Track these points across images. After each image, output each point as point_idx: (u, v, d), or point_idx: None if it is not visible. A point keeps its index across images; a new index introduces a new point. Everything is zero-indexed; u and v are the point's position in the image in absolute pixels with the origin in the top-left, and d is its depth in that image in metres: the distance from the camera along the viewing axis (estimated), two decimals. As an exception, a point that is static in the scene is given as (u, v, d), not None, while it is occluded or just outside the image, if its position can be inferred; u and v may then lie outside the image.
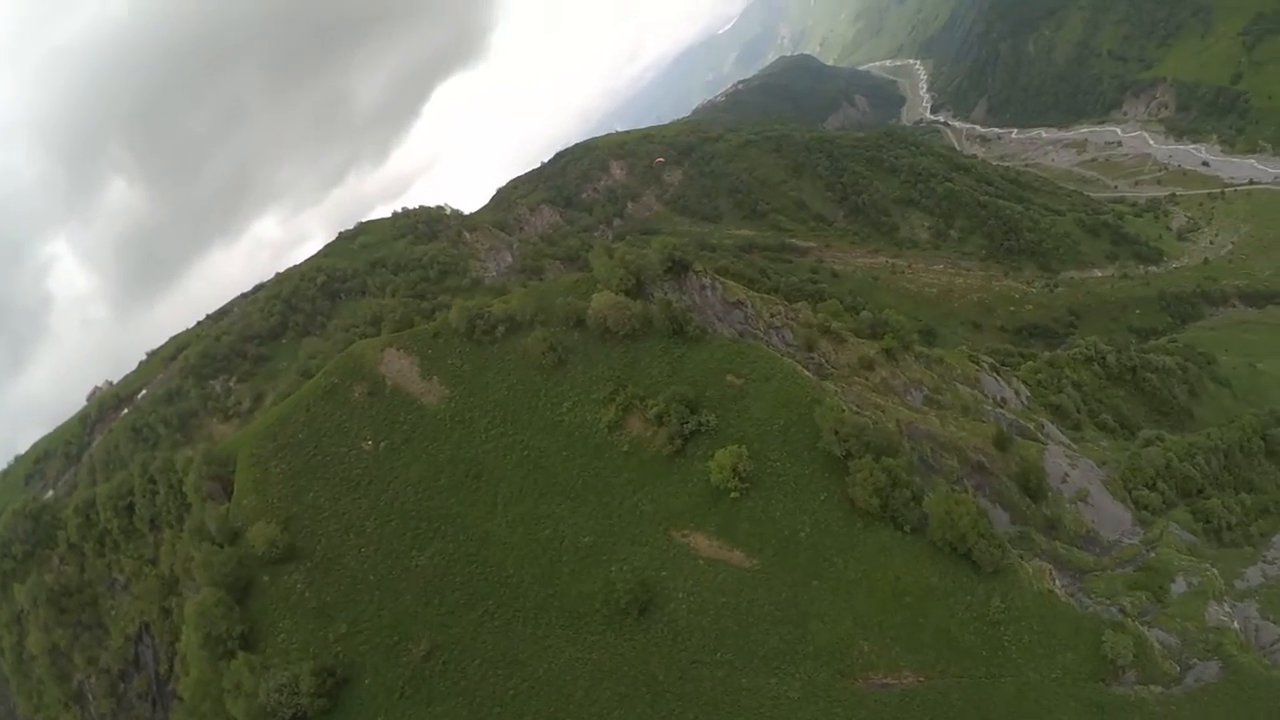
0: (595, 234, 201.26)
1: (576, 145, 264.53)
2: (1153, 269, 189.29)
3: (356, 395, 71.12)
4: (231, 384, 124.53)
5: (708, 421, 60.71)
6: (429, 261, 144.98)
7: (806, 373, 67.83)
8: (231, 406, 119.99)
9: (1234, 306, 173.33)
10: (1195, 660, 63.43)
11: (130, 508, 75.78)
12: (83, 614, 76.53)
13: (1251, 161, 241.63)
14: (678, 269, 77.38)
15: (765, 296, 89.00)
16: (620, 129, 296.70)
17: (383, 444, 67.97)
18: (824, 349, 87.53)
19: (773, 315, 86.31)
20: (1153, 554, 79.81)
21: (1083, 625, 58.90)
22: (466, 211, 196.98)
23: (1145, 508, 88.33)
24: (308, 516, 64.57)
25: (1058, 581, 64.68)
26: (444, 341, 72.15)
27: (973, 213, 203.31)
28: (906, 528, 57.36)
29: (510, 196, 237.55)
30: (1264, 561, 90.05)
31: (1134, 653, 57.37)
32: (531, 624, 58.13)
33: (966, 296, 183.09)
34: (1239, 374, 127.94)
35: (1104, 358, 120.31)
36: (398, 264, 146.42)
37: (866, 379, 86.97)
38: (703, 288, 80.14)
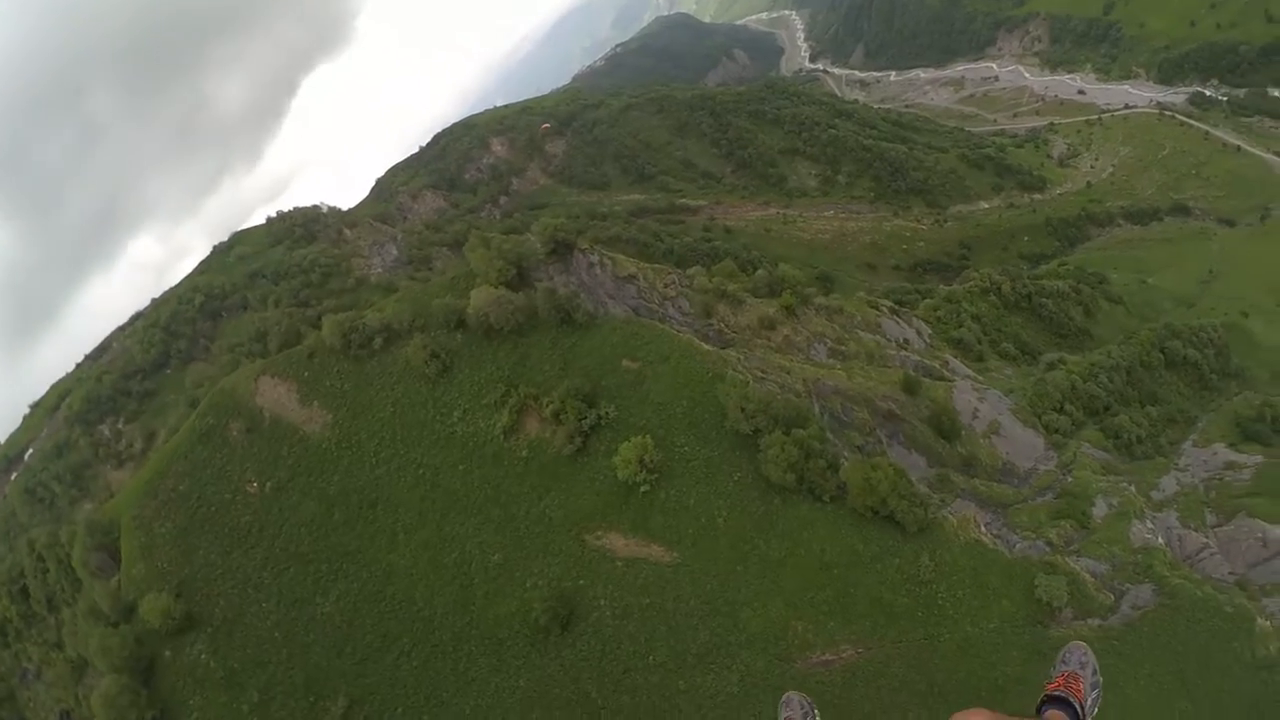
0: (482, 214, 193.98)
1: (455, 125, 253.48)
2: (1037, 196, 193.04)
3: (234, 434, 65.09)
4: (120, 426, 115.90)
5: (607, 414, 56.65)
6: (309, 266, 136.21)
7: (705, 346, 64.09)
8: (124, 450, 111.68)
9: (1119, 226, 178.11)
10: (1127, 585, 63.41)
11: (25, 591, 69.93)
12: (1, 710, 69.51)
13: (1126, 87, 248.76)
14: (562, 250, 72.76)
15: (657, 267, 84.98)
16: (500, 104, 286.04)
17: (268, 484, 62.39)
18: (722, 314, 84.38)
19: (666, 285, 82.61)
20: (1070, 478, 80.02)
21: (1014, 570, 57.73)
22: (347, 207, 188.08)
23: (1056, 431, 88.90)
24: (201, 578, 59.52)
25: (984, 527, 63.50)
26: (320, 361, 66.12)
27: (858, 157, 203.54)
28: (825, 498, 54.78)
29: (391, 185, 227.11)
30: (1176, 469, 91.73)
31: (1068, 592, 56.49)
32: (451, 658, 54.14)
33: (859, 239, 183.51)
34: (1130, 290, 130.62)
35: (999, 288, 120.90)
36: (277, 272, 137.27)
37: (769, 339, 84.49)
38: (590, 266, 75.77)
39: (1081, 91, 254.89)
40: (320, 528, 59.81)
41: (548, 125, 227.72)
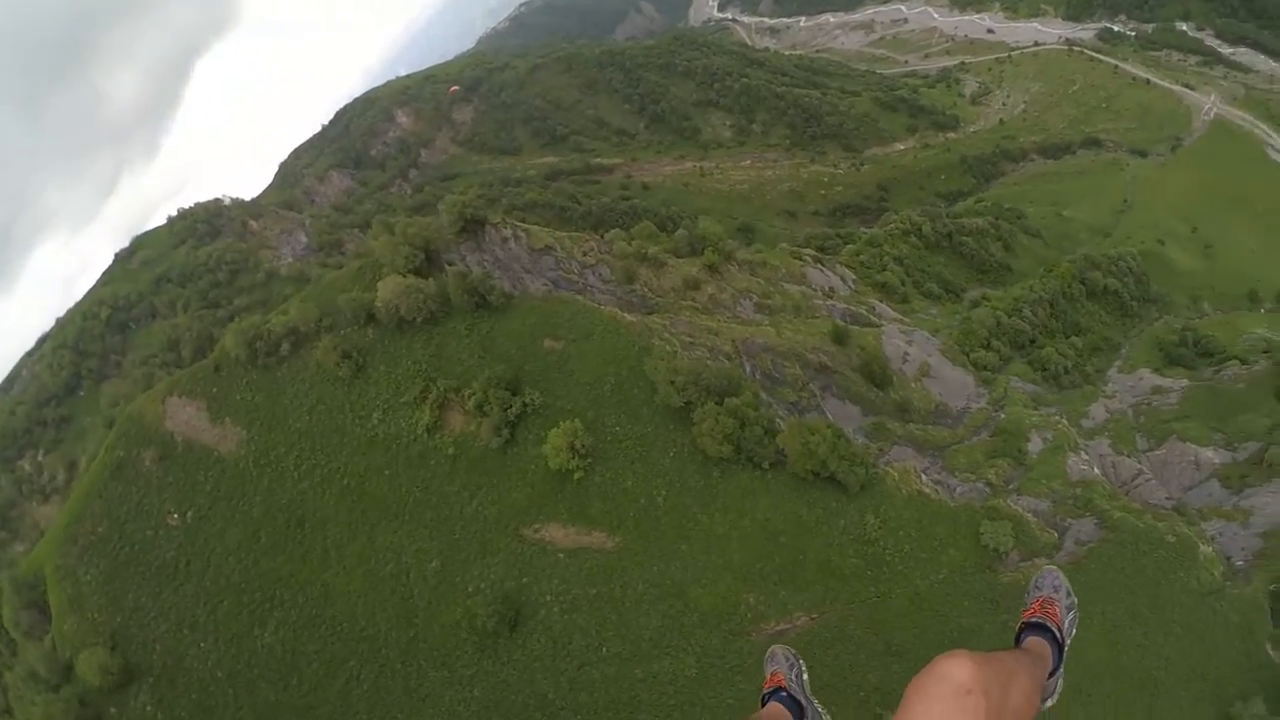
0: (391, 191, 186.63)
1: (357, 99, 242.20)
2: (952, 135, 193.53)
3: (148, 464, 60.20)
4: (41, 459, 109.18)
5: (533, 400, 53.40)
6: (215, 264, 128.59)
7: (628, 317, 61.17)
8: (47, 484, 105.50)
9: (1033, 161, 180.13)
10: (1069, 520, 63.63)
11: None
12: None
13: (1035, 25, 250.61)
14: (473, 227, 68.78)
15: (574, 235, 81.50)
16: (404, 74, 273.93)
17: (189, 514, 57.98)
18: (645, 278, 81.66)
19: (585, 254, 79.35)
20: (1002, 415, 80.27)
21: (958, 519, 57.16)
22: (251, 196, 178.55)
23: (985, 368, 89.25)
24: (134, 624, 55.42)
25: (924, 476, 62.72)
26: (227, 375, 61.03)
27: (772, 105, 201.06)
28: (765, 465, 53.11)
29: (295, 169, 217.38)
30: (1104, 397, 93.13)
31: (1013, 535, 56.13)
32: (401, 675, 51.32)
33: (777, 187, 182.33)
34: (1048, 223, 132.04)
35: (920, 229, 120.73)
36: (183, 275, 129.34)
37: (694, 300, 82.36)
38: (505, 240, 72.01)
39: (991, 30, 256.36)
40: (248, 554, 55.79)
41: (455, 88, 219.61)
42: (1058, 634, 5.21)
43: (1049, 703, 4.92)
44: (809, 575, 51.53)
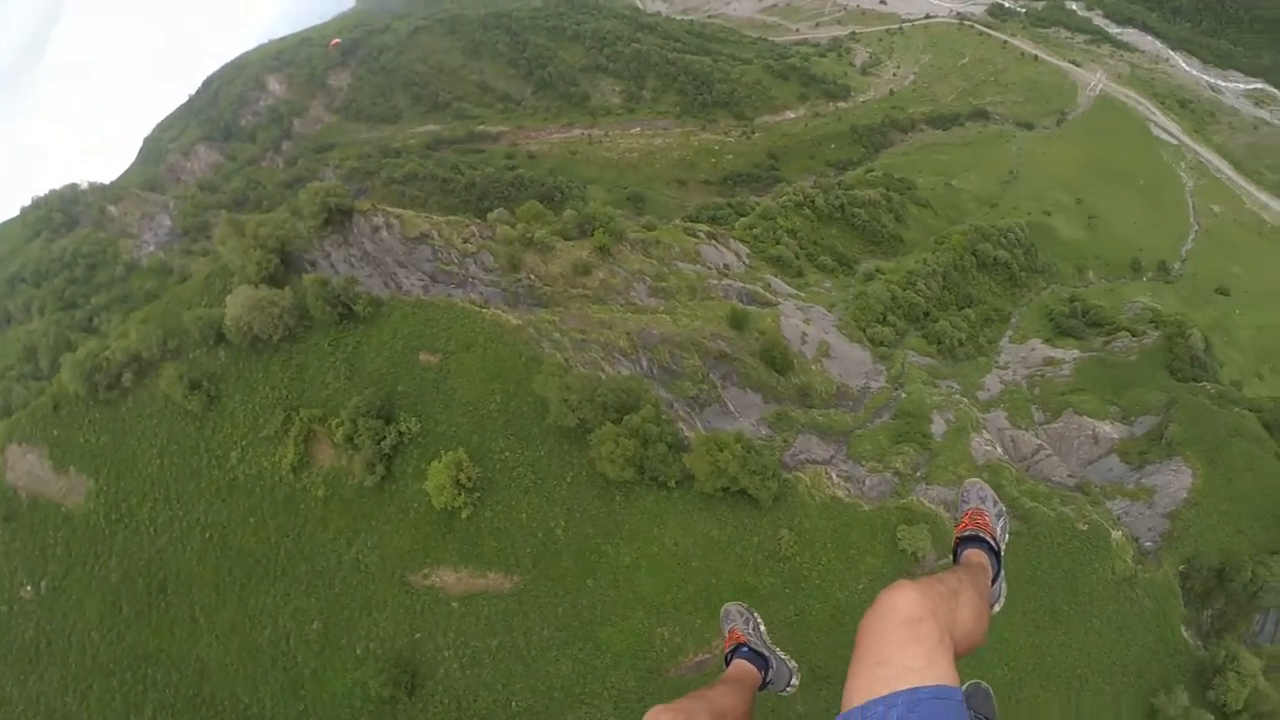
0: (263, 164, 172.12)
1: (227, 65, 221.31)
2: (842, 105, 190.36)
3: (-9, 528, 50.43)
4: None
5: (409, 429, 46.06)
6: (71, 259, 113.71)
7: (513, 320, 54.29)
8: None
9: (922, 131, 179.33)
10: None
11: None
12: None
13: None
14: (338, 218, 60.53)
15: (453, 219, 73.71)
16: (280, 37, 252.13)
17: (43, 583, 48.68)
18: (531, 264, 75.20)
19: (466, 240, 72.07)
20: (903, 393, 78.58)
21: (874, 523, 53.95)
22: (113, 178, 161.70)
23: (881, 343, 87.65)
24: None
25: (834, 475, 59.21)
26: (67, 414, 51.03)
27: (663, 71, 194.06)
28: (671, 484, 47.96)
29: (159, 144, 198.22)
30: (998, 367, 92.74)
31: (930, 537, 53.20)
32: (292, 757, 44.21)
33: (667, 156, 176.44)
34: (937, 194, 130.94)
35: (813, 201, 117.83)
36: (37, 272, 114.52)
37: (585, 287, 76.71)
38: (375, 230, 63.96)
39: (883, 1, 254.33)
40: (112, 628, 47.11)
41: (336, 41, 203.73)
42: (992, 542, 5.11)
43: (996, 608, 5.01)
44: (725, 600, 46.38)
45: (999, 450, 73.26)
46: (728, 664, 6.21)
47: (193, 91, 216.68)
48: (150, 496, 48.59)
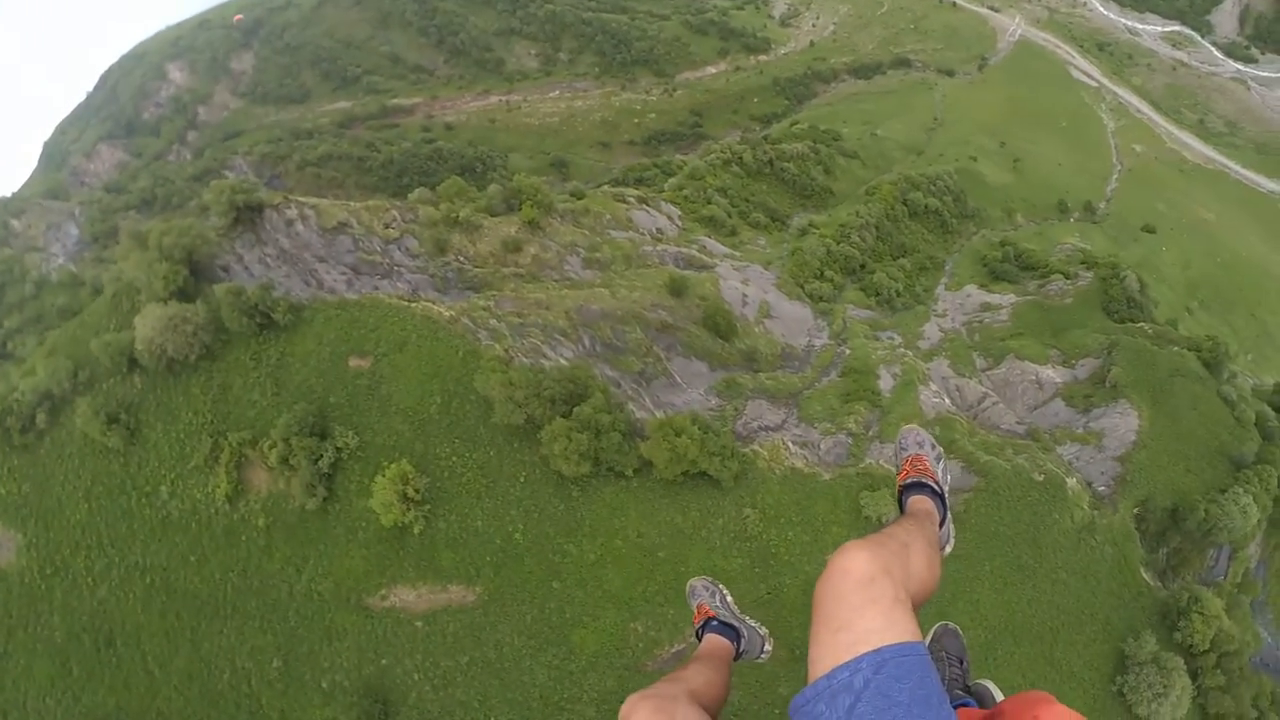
0: (169, 160, 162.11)
1: (124, 57, 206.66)
2: (763, 58, 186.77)
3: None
4: None
5: (346, 444, 42.43)
6: None
7: (445, 311, 50.61)
8: None
9: (845, 81, 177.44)
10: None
11: None
12: None
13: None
14: (249, 215, 55.80)
15: (371, 204, 68.93)
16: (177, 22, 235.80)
17: None
18: (459, 246, 71.37)
19: (387, 226, 67.80)
20: (847, 349, 77.94)
21: (836, 493, 52.79)
22: (13, 189, 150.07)
23: (821, 299, 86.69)
24: None
25: (791, 445, 57.64)
26: None
27: (579, 32, 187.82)
28: (629, 473, 45.58)
29: (60, 147, 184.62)
30: (936, 316, 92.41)
31: (894, 502, 52.23)
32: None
33: (589, 118, 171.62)
34: (864, 144, 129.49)
35: (741, 157, 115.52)
36: None
37: (517, 264, 73.40)
38: (290, 224, 59.38)
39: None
40: (65, 692, 42.76)
41: (240, 16, 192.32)
42: (935, 486, 5.14)
43: (947, 549, 5.02)
44: (694, 586, 45.21)
45: (947, 402, 72.81)
46: (699, 640, 6.11)
47: (90, 88, 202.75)
48: (83, 545, 44.10)
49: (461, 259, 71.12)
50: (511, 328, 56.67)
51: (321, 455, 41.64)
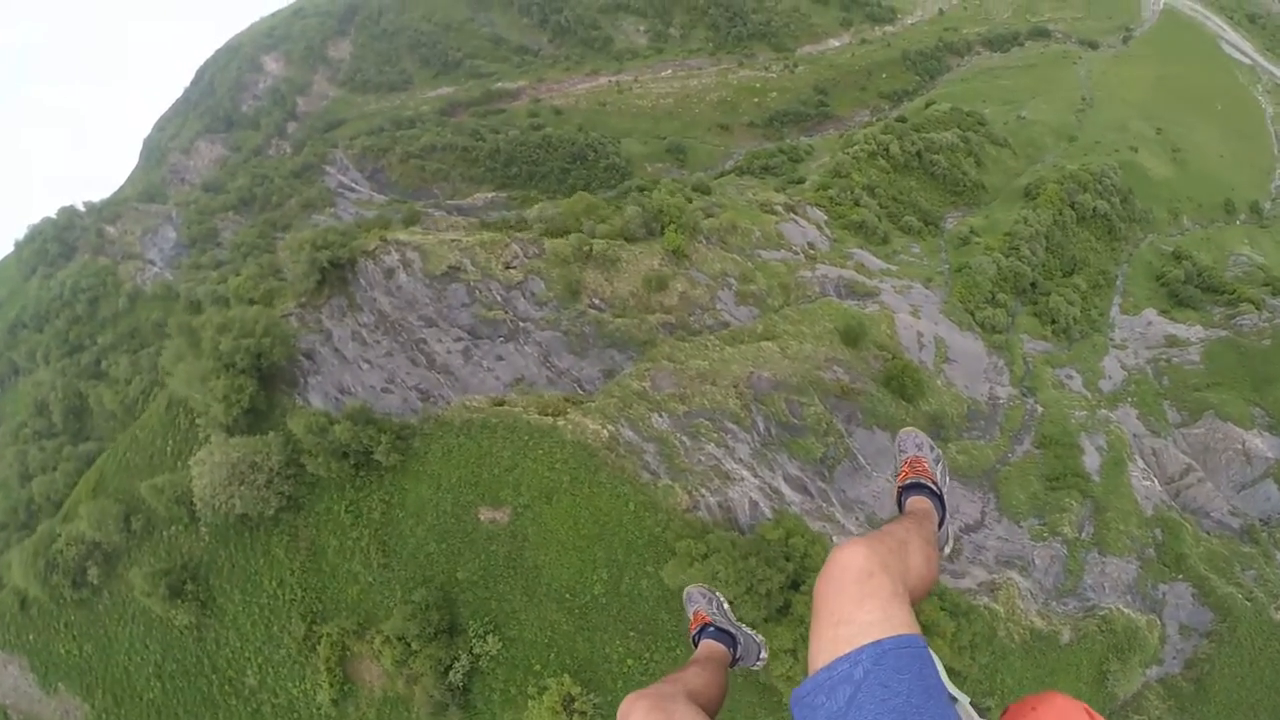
0: (269, 155, 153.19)
1: (219, 51, 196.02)
2: (889, 29, 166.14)
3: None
4: None
5: (488, 649, 30.92)
6: (70, 294, 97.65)
7: (600, 429, 37.83)
8: None
9: (979, 54, 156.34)
10: (1161, 588, 48.39)
11: None
12: None
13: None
14: (338, 273, 44.52)
15: (488, 237, 56.95)
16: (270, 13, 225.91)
17: None
18: (593, 286, 59.97)
19: (508, 265, 56.22)
20: (1036, 404, 64.07)
21: (1079, 661, 39.25)
22: (113, 190, 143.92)
23: (994, 329, 73.58)
24: None
25: (1019, 581, 44.07)
26: (40, 616, 37.41)
27: (690, 4, 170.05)
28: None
29: (159, 145, 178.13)
30: (1114, 346, 78.20)
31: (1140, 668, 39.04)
32: None
33: (705, 99, 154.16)
34: (1011, 129, 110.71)
35: (887, 149, 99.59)
36: (38, 315, 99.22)
37: (663, 309, 61.91)
38: (391, 273, 48.41)
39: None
40: None
41: None
42: (934, 486, 4.94)
43: (946, 550, 4.92)
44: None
45: (1156, 484, 58.42)
46: (695, 645, 5.70)
47: (187, 84, 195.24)
48: (162, 731, 34.22)
49: (598, 303, 59.78)
50: (675, 422, 44.70)
51: (453, 664, 30.25)
